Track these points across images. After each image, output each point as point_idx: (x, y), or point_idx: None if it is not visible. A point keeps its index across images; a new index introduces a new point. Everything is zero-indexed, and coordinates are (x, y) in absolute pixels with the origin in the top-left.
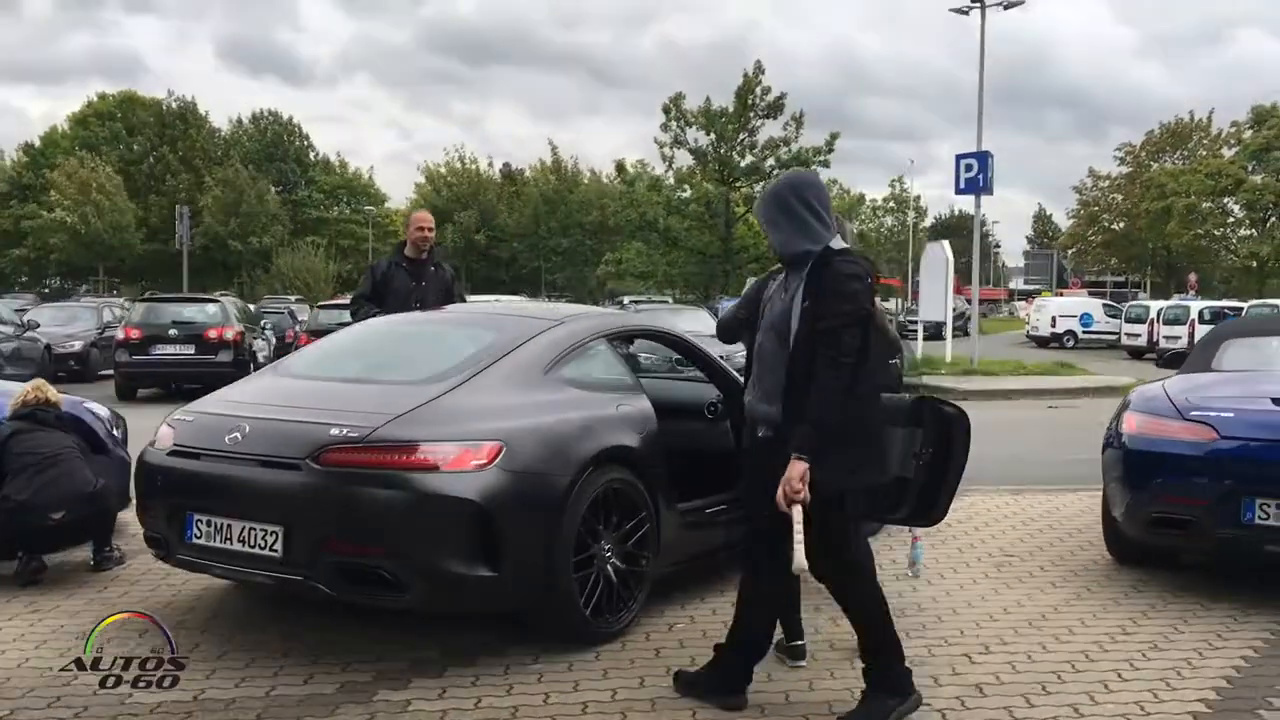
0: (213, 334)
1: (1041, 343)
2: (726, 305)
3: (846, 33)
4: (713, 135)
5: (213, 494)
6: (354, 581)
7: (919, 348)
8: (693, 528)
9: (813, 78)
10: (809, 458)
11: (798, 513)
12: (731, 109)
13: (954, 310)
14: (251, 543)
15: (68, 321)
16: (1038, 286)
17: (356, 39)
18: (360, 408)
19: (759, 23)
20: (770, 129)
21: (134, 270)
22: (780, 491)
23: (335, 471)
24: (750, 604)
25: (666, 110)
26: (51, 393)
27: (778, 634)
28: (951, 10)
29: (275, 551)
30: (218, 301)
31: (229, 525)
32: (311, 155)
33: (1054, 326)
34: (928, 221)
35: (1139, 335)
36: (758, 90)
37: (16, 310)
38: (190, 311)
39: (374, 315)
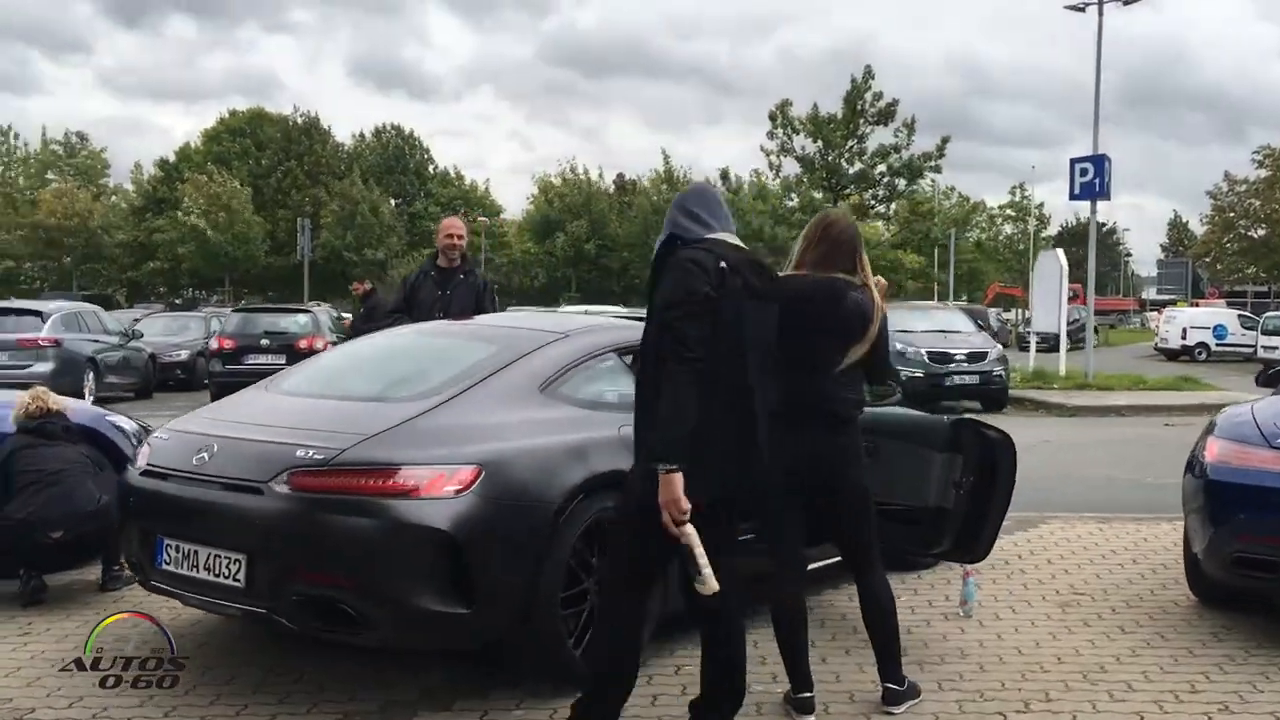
0: (303, 344)
1: (1171, 355)
2: None
3: (969, 38)
4: (819, 142)
5: (179, 518)
6: (317, 615)
7: (1030, 360)
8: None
9: (934, 84)
10: (676, 466)
11: (691, 530)
12: (840, 115)
13: (1071, 321)
14: (216, 571)
15: (178, 331)
16: (1172, 296)
17: (480, 54)
18: (334, 427)
19: (878, 30)
20: (881, 135)
21: (259, 281)
22: (665, 515)
23: (298, 496)
24: (706, 648)
25: (773, 117)
26: (52, 400)
27: (785, 685)
28: (1066, 8)
29: (238, 581)
30: (309, 312)
31: (195, 551)
32: (431, 168)
33: (1184, 339)
34: (1052, 229)
35: (1277, 348)
36: (867, 96)
37: (135, 320)
38: (283, 322)
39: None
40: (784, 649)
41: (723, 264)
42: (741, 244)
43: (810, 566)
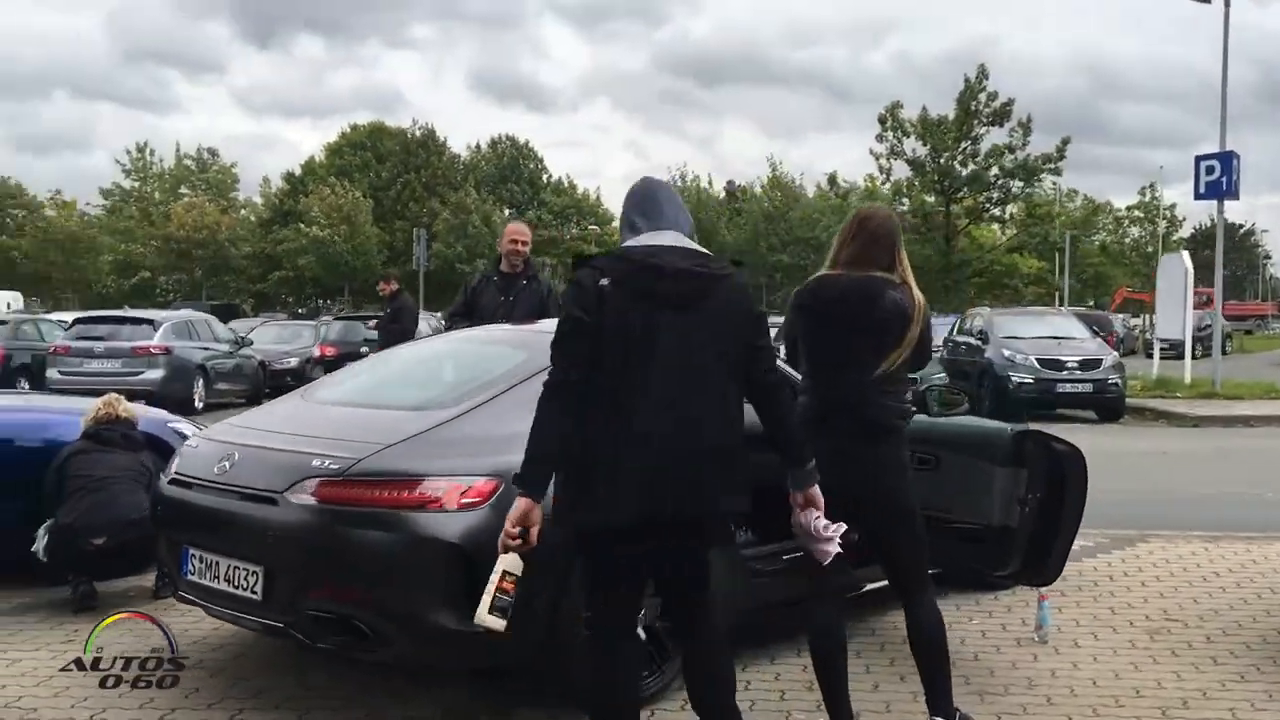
0: None
1: None
2: (940, 322)
3: (1094, 37)
4: (929, 145)
5: (201, 527)
6: (333, 631)
7: (1154, 367)
8: (769, 574)
9: (1059, 85)
10: (530, 493)
11: (505, 561)
12: (952, 116)
13: (1199, 326)
14: (235, 582)
15: (289, 339)
16: None
17: (597, 65)
18: (355, 436)
19: (999, 33)
20: (996, 137)
21: (377, 292)
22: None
23: (312, 507)
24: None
25: (882, 120)
26: (122, 408)
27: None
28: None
29: (255, 594)
30: None
31: (216, 562)
32: (544, 178)
33: None
34: (1185, 231)
35: None
36: (981, 96)
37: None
38: None
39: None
40: (819, 678)
41: (603, 282)
42: (682, 242)
43: (868, 587)
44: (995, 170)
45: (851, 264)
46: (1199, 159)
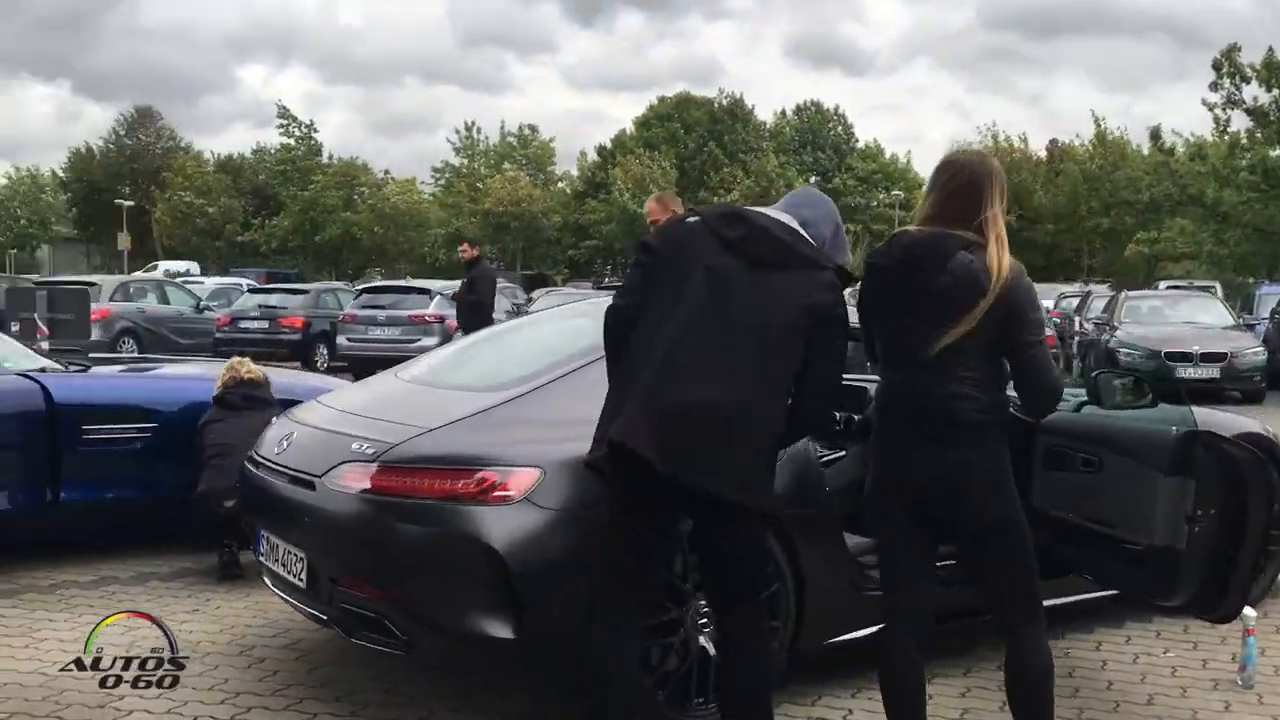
0: None
1: None
2: (1269, 291)
3: None
4: (1276, 91)
5: (264, 508)
6: (365, 626)
7: None
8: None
9: None
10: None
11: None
12: None
13: None
14: (288, 568)
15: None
16: None
17: (917, 24)
18: (403, 419)
19: None
20: None
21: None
22: None
23: (343, 494)
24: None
25: (1217, 66)
26: (246, 370)
27: None
28: None
29: (301, 580)
30: None
31: (276, 545)
32: (851, 142)
33: None
34: None
35: None
36: None
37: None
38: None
39: None
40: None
41: (690, 219)
42: (794, 224)
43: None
44: None
45: (929, 220)
46: None
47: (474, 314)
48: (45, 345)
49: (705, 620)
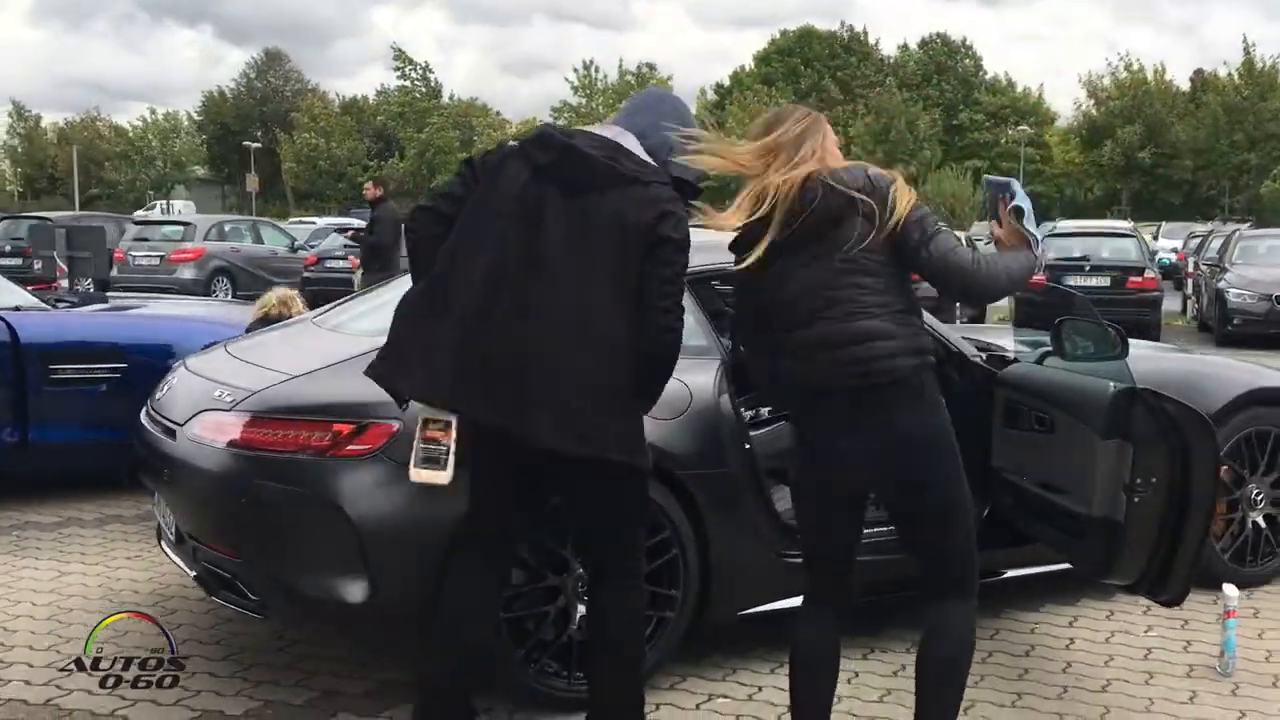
0: None
1: None
2: None
3: None
4: None
5: (140, 459)
6: (223, 585)
7: None
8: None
9: None
10: None
11: (424, 411)
12: None
13: None
14: (166, 521)
15: None
16: None
17: None
18: (277, 365)
19: None
20: None
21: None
22: None
23: (195, 444)
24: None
25: None
26: (295, 309)
27: None
28: None
29: (174, 535)
30: None
31: (158, 497)
32: (980, 75)
33: None
34: None
35: None
36: None
37: None
38: None
39: None
40: (793, 702)
41: (511, 143)
42: (624, 139)
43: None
44: None
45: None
46: None
47: (374, 254)
48: (64, 283)
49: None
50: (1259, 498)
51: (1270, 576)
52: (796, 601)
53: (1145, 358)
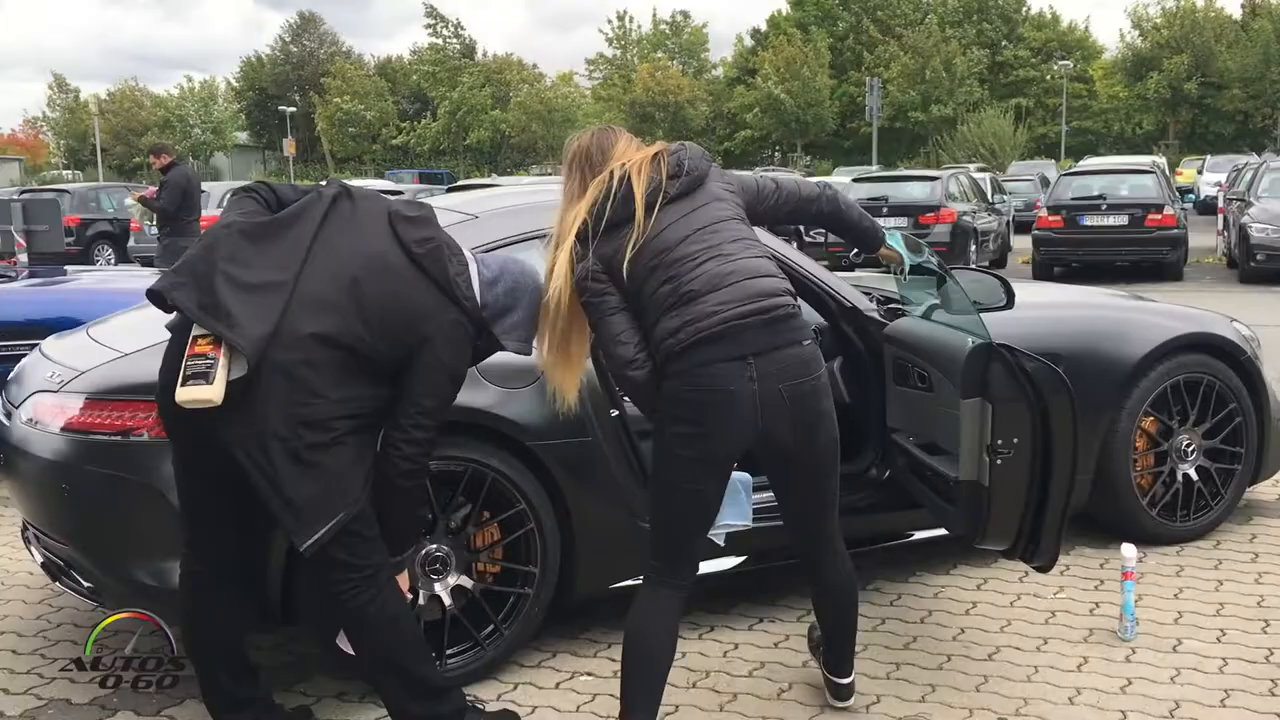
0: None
1: None
2: None
3: None
4: None
5: None
6: (61, 571)
7: None
8: None
9: None
10: None
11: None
12: None
13: None
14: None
15: None
16: None
17: None
18: (118, 343)
19: None
20: None
21: (828, 147)
22: None
23: (22, 427)
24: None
25: None
26: None
27: None
28: None
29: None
30: (935, 179)
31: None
32: (1023, 10)
33: None
34: None
35: None
36: None
37: None
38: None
39: None
40: (625, 685)
41: None
42: None
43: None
44: None
45: None
46: None
47: (163, 219)
48: (23, 257)
49: (436, 568)
50: (1189, 449)
51: (1204, 531)
52: None
53: (1068, 304)
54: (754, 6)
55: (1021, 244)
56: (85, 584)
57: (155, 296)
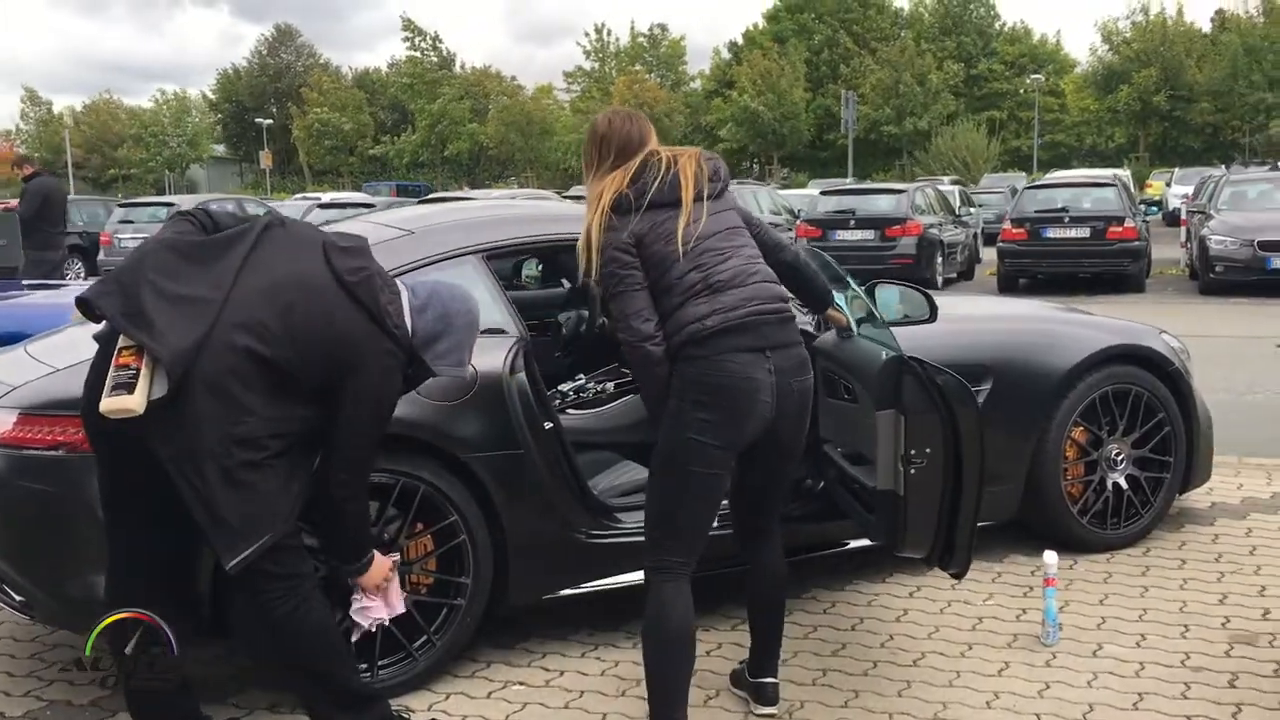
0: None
1: None
2: None
3: None
4: None
5: None
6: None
7: None
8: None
9: None
10: None
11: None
12: None
13: None
14: None
15: None
16: None
17: None
18: (55, 360)
19: None
20: None
21: (804, 159)
22: None
23: None
24: None
25: None
26: None
27: None
28: None
29: None
30: (900, 192)
31: None
32: (997, 25)
33: None
34: None
35: None
36: None
37: None
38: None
39: None
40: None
41: None
42: None
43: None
44: None
45: None
46: None
47: (25, 229)
48: None
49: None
50: (1119, 458)
51: (1135, 539)
52: (605, 583)
53: (997, 316)
54: (732, 19)
55: (991, 256)
56: (17, 598)
57: (82, 304)
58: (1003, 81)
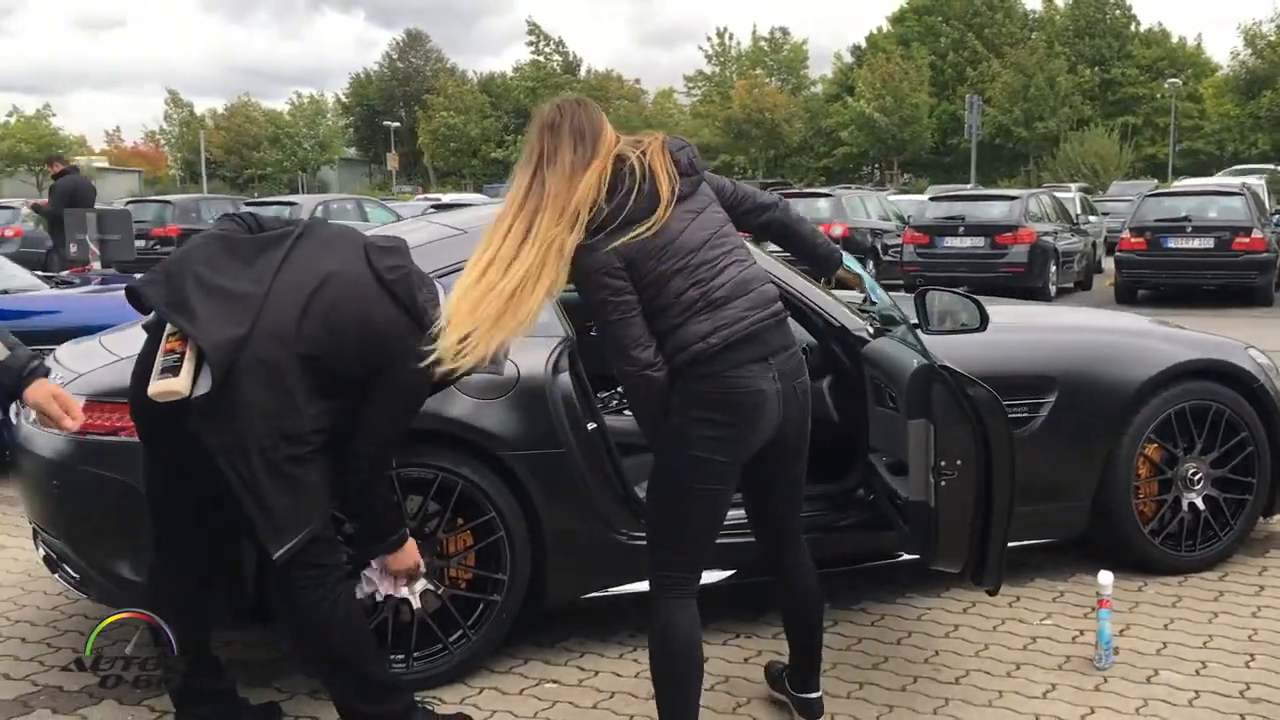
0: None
1: None
2: None
3: None
4: None
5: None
6: (59, 563)
7: None
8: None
9: None
10: None
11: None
12: None
13: None
14: None
15: None
16: None
17: None
18: (122, 350)
19: None
20: None
21: (927, 164)
22: None
23: (30, 427)
24: None
25: None
26: None
27: None
28: None
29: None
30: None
31: None
32: (1133, 27)
33: None
34: None
35: None
36: None
37: None
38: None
39: None
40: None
41: None
42: None
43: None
44: None
45: None
46: None
47: (51, 224)
48: (97, 265)
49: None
50: (1196, 478)
51: (1212, 563)
52: (644, 585)
53: (1066, 327)
54: (856, 23)
55: (1113, 266)
56: (74, 575)
57: (131, 294)
58: (1138, 86)
